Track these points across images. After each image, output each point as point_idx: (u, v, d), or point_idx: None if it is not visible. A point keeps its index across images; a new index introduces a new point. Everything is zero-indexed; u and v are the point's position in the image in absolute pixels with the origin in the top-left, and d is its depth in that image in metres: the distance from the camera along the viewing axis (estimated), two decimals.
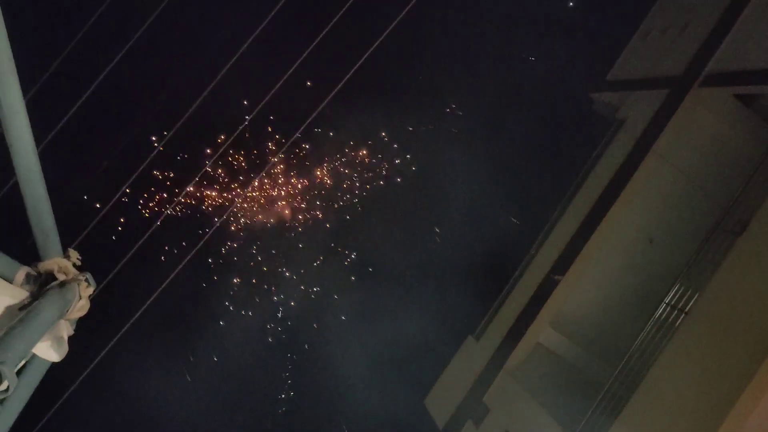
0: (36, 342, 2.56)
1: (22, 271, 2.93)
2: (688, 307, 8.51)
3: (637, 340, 9.19)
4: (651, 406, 8.09)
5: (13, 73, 2.47)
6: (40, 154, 2.84)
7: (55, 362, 3.01)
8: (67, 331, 3.06)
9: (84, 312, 3.15)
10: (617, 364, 9.28)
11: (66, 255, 3.13)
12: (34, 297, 2.89)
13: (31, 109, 2.67)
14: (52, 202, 3.03)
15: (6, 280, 2.87)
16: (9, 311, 2.79)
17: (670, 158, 10.89)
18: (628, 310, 11.40)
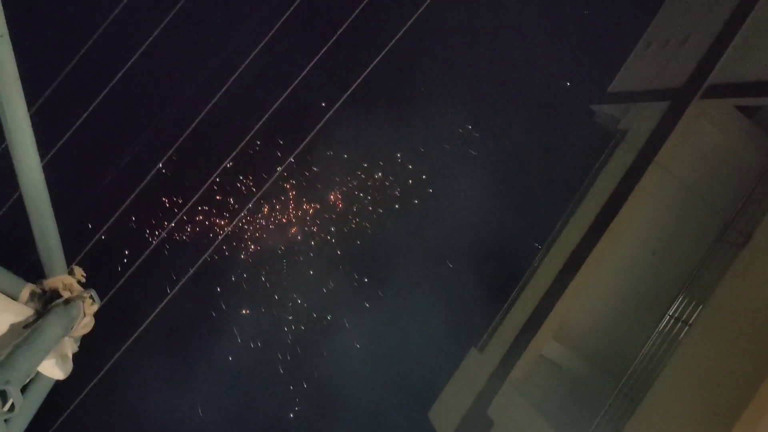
0: (41, 360, 2.57)
1: (27, 289, 2.94)
2: (691, 319, 8.49)
3: (641, 352, 9.16)
4: (656, 419, 8.05)
5: (19, 92, 2.49)
6: (44, 169, 2.86)
7: (59, 380, 3.02)
8: (71, 348, 3.07)
9: (88, 329, 3.16)
10: (621, 377, 9.25)
11: (71, 272, 3.14)
12: (38, 314, 2.90)
13: (34, 123, 2.68)
14: (56, 217, 3.05)
15: (11, 297, 2.88)
16: (14, 329, 2.80)
17: (672, 170, 10.89)
18: (631, 322, 11.37)
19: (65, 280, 3.04)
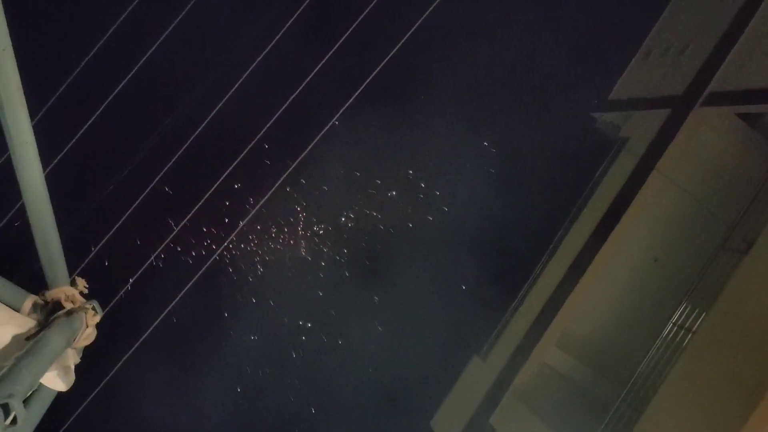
0: (44, 372, 2.56)
1: (29, 300, 2.93)
2: (695, 327, 8.47)
3: (644, 360, 9.13)
4: (660, 427, 8.01)
5: (22, 104, 2.48)
6: (47, 179, 2.86)
7: (61, 392, 3.01)
8: (74, 359, 3.06)
9: (91, 340, 3.15)
10: (625, 385, 9.22)
11: (73, 283, 3.14)
12: (41, 326, 2.89)
13: (36, 132, 2.67)
14: (58, 228, 3.04)
15: (13, 308, 2.88)
16: (16, 341, 2.79)
17: (673, 177, 10.89)
18: (634, 329, 11.34)
19: (67, 291, 3.03)
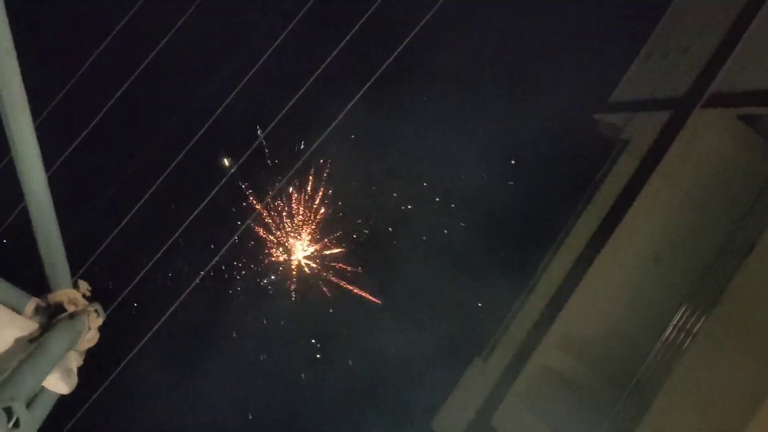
0: (46, 375, 2.57)
1: (31, 303, 2.94)
2: (695, 329, 8.46)
3: (645, 362, 9.12)
4: (661, 430, 8.00)
5: (25, 106, 2.49)
6: (49, 182, 2.86)
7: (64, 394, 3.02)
8: (76, 362, 3.07)
9: (93, 343, 3.16)
10: (626, 387, 9.20)
11: (75, 286, 3.15)
12: (43, 329, 2.90)
13: (39, 135, 2.68)
14: (61, 231, 3.05)
15: (16, 311, 2.88)
16: (19, 343, 2.80)
17: (674, 179, 10.88)
18: (636, 331, 11.32)
19: (70, 294, 3.04)
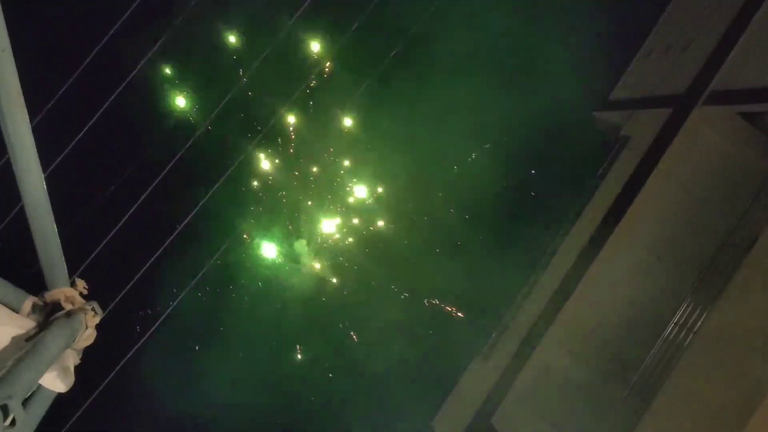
0: (43, 373, 2.56)
1: (28, 302, 2.94)
2: (697, 326, 8.46)
3: (646, 360, 9.12)
4: (662, 427, 8.00)
5: (21, 105, 2.49)
6: (46, 181, 2.86)
7: (61, 392, 3.01)
8: (73, 360, 3.06)
9: (91, 341, 3.15)
10: (627, 385, 9.21)
11: (73, 284, 3.14)
12: (40, 327, 2.89)
13: (36, 133, 2.67)
14: (58, 229, 3.04)
15: (13, 310, 2.88)
16: (16, 342, 2.79)
17: (675, 176, 10.87)
18: (637, 329, 11.32)
19: (67, 292, 3.03)
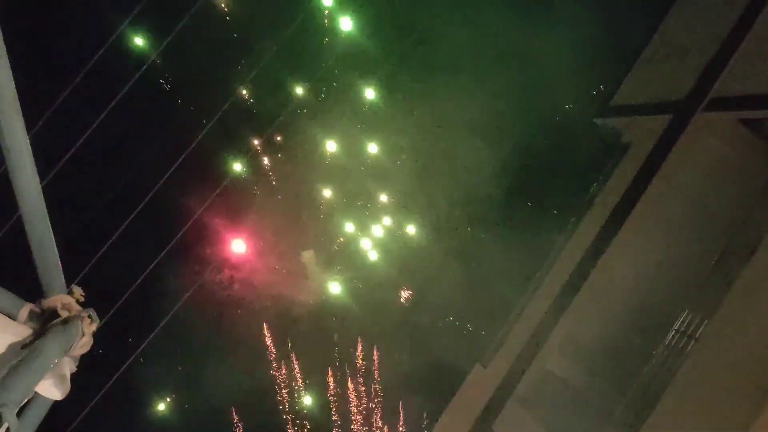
0: (38, 381, 2.54)
1: (25, 309, 2.93)
2: (698, 333, 8.42)
3: (647, 367, 9.08)
4: None
5: (17, 112, 2.48)
6: (43, 188, 2.85)
7: (57, 400, 2.99)
8: (69, 368, 3.05)
9: (87, 349, 3.14)
10: (629, 392, 9.16)
11: (70, 291, 3.13)
12: (37, 334, 2.88)
13: (33, 140, 2.67)
14: (55, 237, 3.03)
15: (9, 317, 2.87)
16: (11, 349, 2.78)
17: (676, 183, 10.85)
18: (637, 335, 11.29)
19: (64, 299, 3.02)
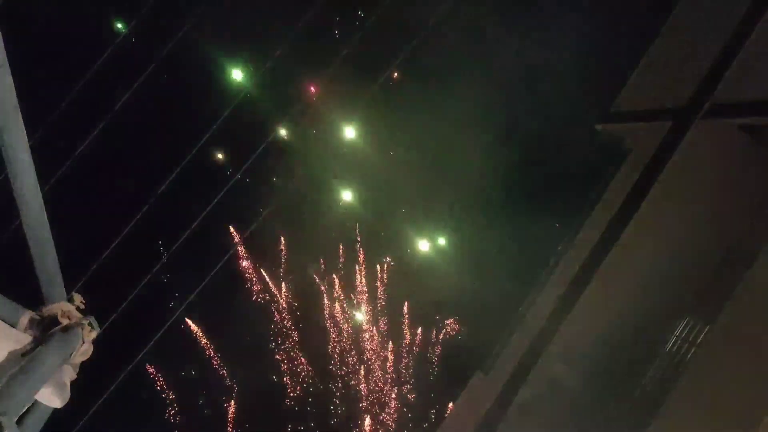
0: (38, 389, 2.54)
1: (25, 316, 2.93)
2: (699, 341, 8.41)
3: (648, 374, 9.07)
4: None
5: (18, 121, 2.48)
6: (44, 196, 2.85)
7: (57, 408, 2.99)
8: (70, 375, 3.05)
9: (87, 356, 3.14)
10: (629, 399, 9.15)
11: (70, 299, 3.13)
12: (37, 342, 2.88)
13: (34, 150, 2.68)
14: (55, 244, 3.04)
15: (10, 324, 2.87)
16: (12, 357, 2.78)
17: (676, 190, 10.83)
18: (639, 342, 11.26)
19: (64, 307, 3.03)
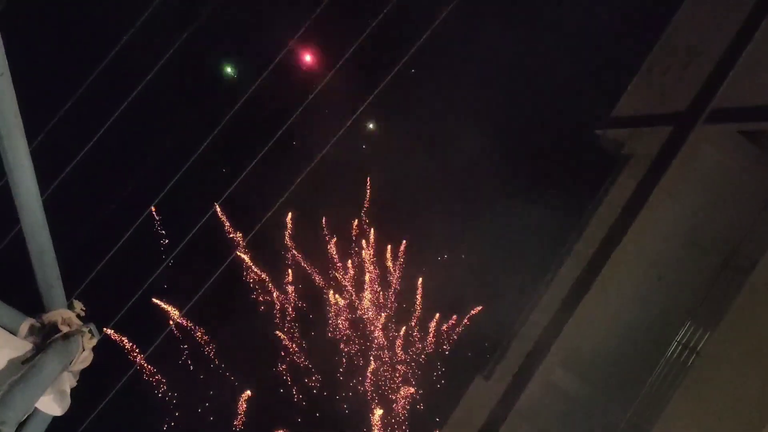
0: (38, 397, 2.53)
1: (26, 323, 2.92)
2: (699, 347, 8.39)
3: (649, 380, 9.05)
4: None
5: (19, 128, 2.48)
6: (44, 203, 2.85)
7: (57, 416, 2.98)
8: (70, 383, 3.03)
9: (87, 363, 3.12)
10: (630, 405, 9.12)
11: (70, 306, 3.12)
12: (37, 349, 2.87)
13: (34, 156, 2.68)
14: (55, 251, 3.03)
15: (10, 332, 2.86)
16: (12, 364, 2.76)
17: (676, 195, 10.84)
18: (639, 348, 11.24)
19: (64, 314, 3.01)
